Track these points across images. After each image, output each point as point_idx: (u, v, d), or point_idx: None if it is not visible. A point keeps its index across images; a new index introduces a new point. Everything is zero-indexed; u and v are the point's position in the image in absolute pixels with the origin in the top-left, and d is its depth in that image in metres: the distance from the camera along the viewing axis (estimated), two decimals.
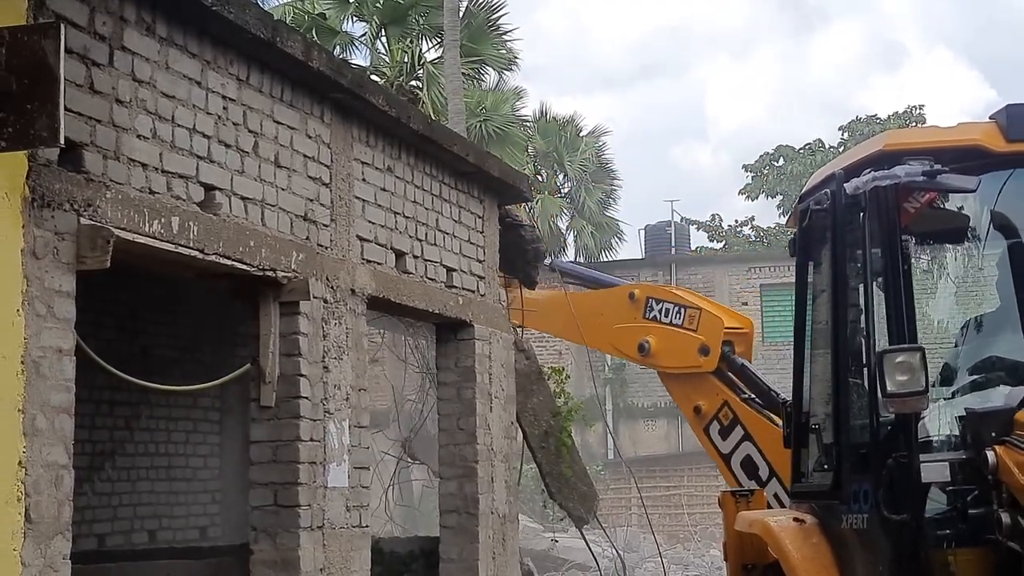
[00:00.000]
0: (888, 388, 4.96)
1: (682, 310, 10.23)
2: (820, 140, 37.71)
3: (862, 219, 5.50)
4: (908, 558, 5.11)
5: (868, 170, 5.46)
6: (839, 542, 5.67)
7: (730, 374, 9.92)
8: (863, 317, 5.54)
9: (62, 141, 4.86)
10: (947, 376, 5.82)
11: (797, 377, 6.32)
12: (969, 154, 5.47)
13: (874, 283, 5.49)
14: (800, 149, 37.55)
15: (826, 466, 5.80)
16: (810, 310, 6.18)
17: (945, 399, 5.60)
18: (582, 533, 13.13)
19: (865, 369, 5.47)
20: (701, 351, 9.95)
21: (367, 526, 8.02)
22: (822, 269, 5.94)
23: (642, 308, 10.50)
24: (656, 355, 10.34)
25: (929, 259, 6.12)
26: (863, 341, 5.54)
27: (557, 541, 18.96)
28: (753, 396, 9.77)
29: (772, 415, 9.45)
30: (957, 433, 5.32)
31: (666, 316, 10.31)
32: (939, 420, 5.49)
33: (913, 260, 5.67)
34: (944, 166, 5.32)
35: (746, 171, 38.32)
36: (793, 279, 6.58)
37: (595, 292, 11.40)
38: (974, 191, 5.42)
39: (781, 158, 37.69)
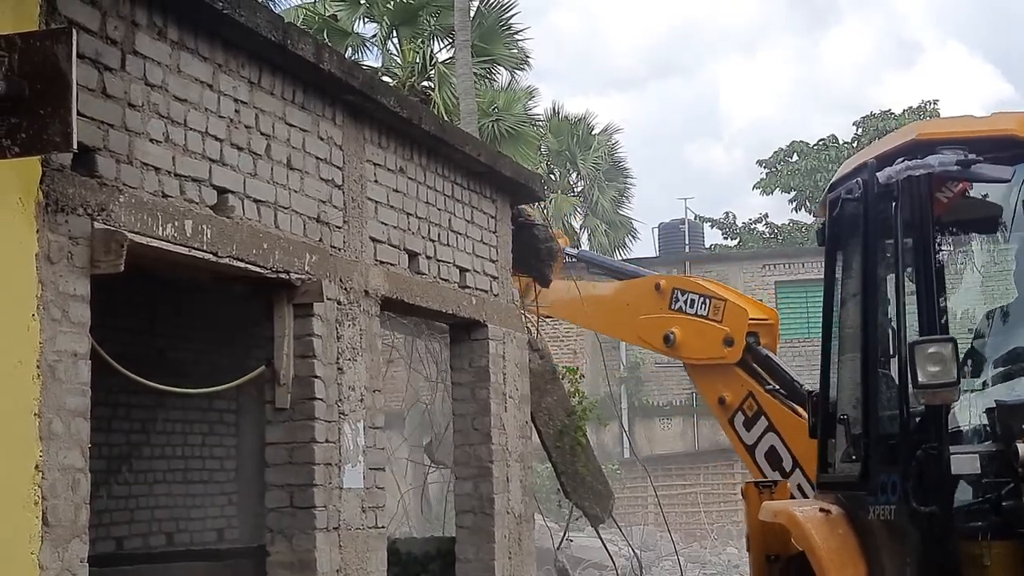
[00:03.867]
0: (919, 379, 4.90)
1: (707, 300, 10.22)
2: (834, 136, 37.58)
3: (894, 208, 5.45)
4: (936, 550, 5.06)
5: (901, 159, 5.41)
6: (866, 533, 5.63)
7: (755, 365, 9.91)
8: (893, 308, 5.51)
9: (75, 146, 4.87)
10: (977, 367, 5.76)
11: (824, 367, 6.28)
12: (1003, 144, 5.42)
13: (905, 273, 5.45)
14: (814, 145, 37.41)
15: (854, 457, 5.76)
16: (838, 300, 6.14)
17: (975, 390, 5.56)
18: (598, 532, 13.13)
19: (895, 360, 5.43)
20: (726, 342, 9.94)
21: (383, 527, 8.03)
22: (852, 259, 5.89)
23: (668, 299, 10.50)
24: (681, 346, 10.35)
25: (960, 249, 6.07)
26: (893, 332, 5.50)
27: (572, 540, 18.94)
28: (777, 388, 9.75)
29: (796, 406, 9.44)
30: (987, 425, 5.28)
31: (691, 307, 10.31)
32: (969, 411, 5.45)
33: (945, 250, 5.63)
34: (978, 156, 5.29)
35: (760, 167, 38.24)
36: (807, 276, 6.61)
37: (621, 283, 11.40)
38: (1009, 181, 5.38)
39: (795, 154, 37.55)
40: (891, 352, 5.51)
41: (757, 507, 7.08)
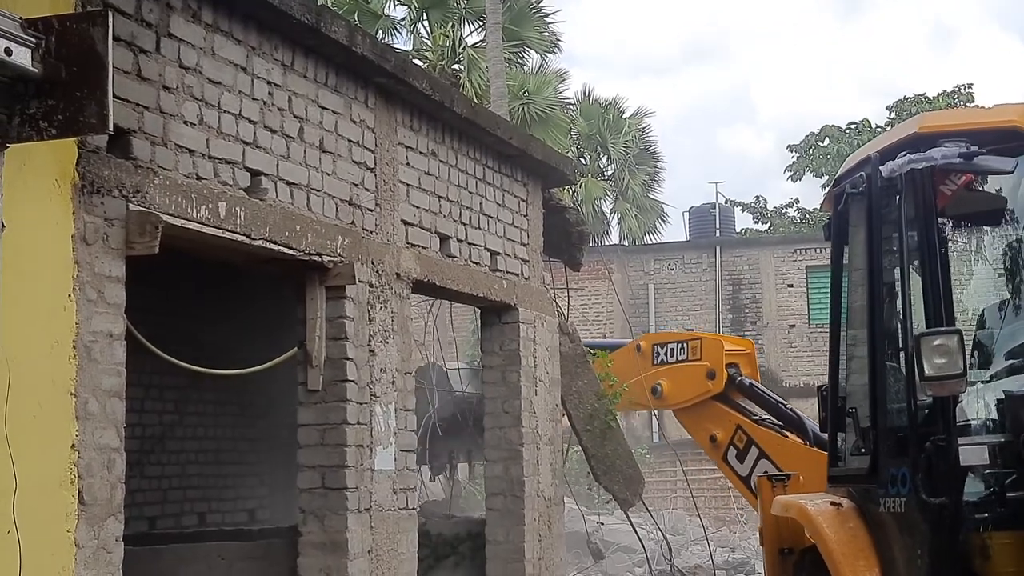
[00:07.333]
0: (926, 371, 4.91)
1: (684, 344, 10.74)
2: (867, 120, 37.26)
3: (898, 202, 5.46)
4: (946, 541, 5.07)
5: (904, 152, 5.42)
6: (877, 525, 5.64)
7: (739, 399, 10.32)
8: (899, 300, 5.51)
9: (111, 128, 4.89)
10: (985, 359, 5.76)
11: (833, 360, 6.29)
12: (1006, 135, 5.41)
13: (910, 266, 5.45)
14: (845, 129, 37.15)
15: (863, 450, 5.78)
16: (845, 294, 6.14)
17: (983, 382, 5.55)
18: (628, 516, 13.13)
19: (902, 352, 5.44)
20: (708, 375, 10.37)
21: (414, 508, 8.07)
22: (858, 252, 5.89)
23: (650, 357, 10.97)
24: (669, 395, 10.76)
25: (965, 241, 6.05)
26: (899, 324, 5.51)
27: (603, 524, 18.96)
28: (764, 416, 10.14)
29: (784, 430, 9.86)
30: (995, 416, 5.27)
31: (672, 356, 10.79)
32: (977, 403, 5.44)
33: (950, 242, 5.62)
34: (980, 148, 5.26)
35: (791, 151, 38.02)
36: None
37: (610, 356, 11.73)
38: (1012, 172, 5.37)
39: (827, 138, 37.31)
40: (898, 345, 5.50)
41: (770, 501, 7.10)
